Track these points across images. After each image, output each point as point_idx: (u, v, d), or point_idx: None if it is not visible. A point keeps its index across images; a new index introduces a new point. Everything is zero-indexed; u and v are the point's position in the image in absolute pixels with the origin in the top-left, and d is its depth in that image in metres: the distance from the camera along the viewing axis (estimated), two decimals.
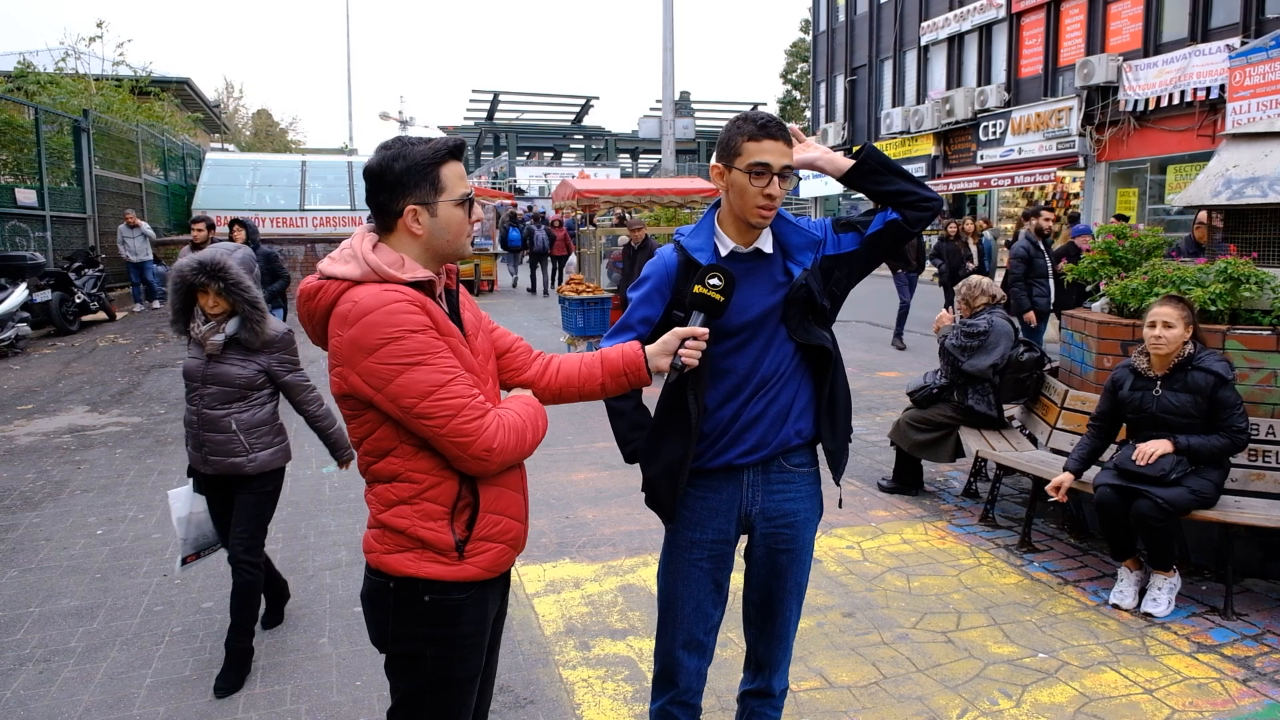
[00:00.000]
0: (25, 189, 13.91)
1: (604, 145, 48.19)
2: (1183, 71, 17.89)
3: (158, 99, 23.37)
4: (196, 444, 3.44)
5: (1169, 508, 3.78)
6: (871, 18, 29.43)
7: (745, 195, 2.14)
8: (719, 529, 2.31)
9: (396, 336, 1.70)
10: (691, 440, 2.20)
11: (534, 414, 1.94)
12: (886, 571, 4.37)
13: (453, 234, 1.86)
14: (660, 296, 2.26)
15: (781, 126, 2.15)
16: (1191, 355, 3.93)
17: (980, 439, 5.27)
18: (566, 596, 4.11)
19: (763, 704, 2.46)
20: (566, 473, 6.02)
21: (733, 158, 2.15)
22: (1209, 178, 5.05)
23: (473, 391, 1.78)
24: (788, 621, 2.40)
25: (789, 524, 2.33)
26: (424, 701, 1.89)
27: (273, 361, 3.45)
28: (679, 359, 2.02)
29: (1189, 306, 3.99)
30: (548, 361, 2.12)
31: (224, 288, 3.25)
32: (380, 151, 1.84)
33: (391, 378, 1.71)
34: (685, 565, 2.32)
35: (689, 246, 2.24)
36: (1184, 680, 3.34)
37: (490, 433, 1.77)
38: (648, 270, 2.31)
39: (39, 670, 3.43)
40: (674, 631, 2.35)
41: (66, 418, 7.78)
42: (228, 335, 3.35)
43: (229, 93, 48.20)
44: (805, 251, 2.26)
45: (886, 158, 2.29)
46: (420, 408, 1.72)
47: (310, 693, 3.27)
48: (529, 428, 1.90)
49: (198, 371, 3.41)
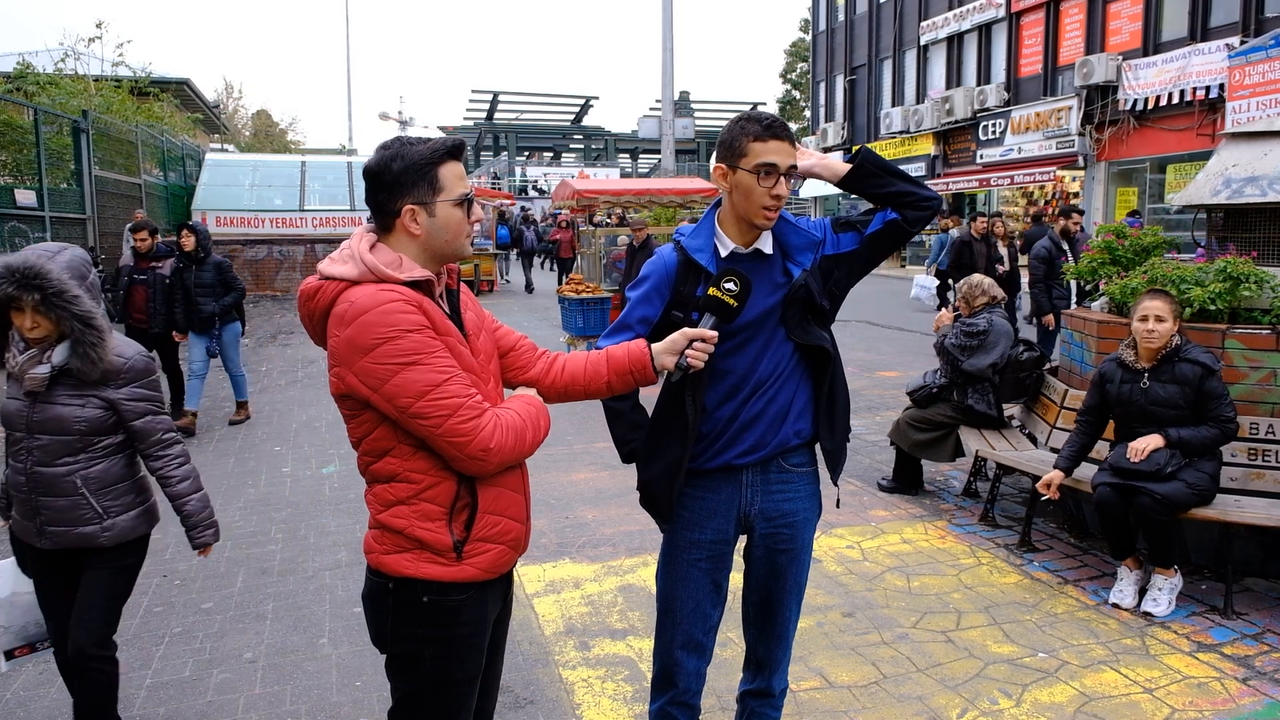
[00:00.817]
0: (25, 190, 13.90)
1: (604, 145, 48.17)
2: (1182, 71, 17.89)
3: (157, 99, 23.35)
4: (27, 511, 2.66)
5: (1168, 502, 3.79)
6: (871, 17, 29.43)
7: (751, 196, 2.13)
8: (718, 529, 2.31)
9: (392, 336, 1.70)
10: (689, 441, 2.20)
11: (535, 414, 1.93)
12: (886, 571, 4.37)
13: (451, 234, 1.86)
14: (659, 296, 2.26)
15: (785, 126, 2.15)
16: (1178, 347, 3.96)
17: (980, 438, 5.27)
18: (566, 596, 4.11)
19: (763, 704, 2.46)
20: (566, 473, 6.02)
21: (738, 158, 2.14)
22: (1208, 177, 5.05)
23: (469, 391, 1.77)
24: (787, 621, 2.40)
25: (788, 524, 2.33)
26: (423, 702, 1.89)
27: (121, 396, 2.65)
28: (684, 359, 2.02)
29: (1174, 300, 4.05)
30: (552, 360, 2.12)
31: (42, 300, 2.46)
32: (379, 151, 1.84)
33: (387, 377, 1.71)
34: (684, 566, 2.32)
35: (689, 247, 2.24)
36: (1184, 679, 3.34)
37: (487, 433, 1.77)
38: (647, 270, 2.30)
39: (39, 671, 3.42)
40: (673, 632, 2.34)
41: None
42: (55, 366, 2.56)
43: (228, 93, 48.21)
44: (805, 252, 2.26)
45: (883, 160, 2.29)
46: (416, 407, 1.72)
47: (310, 693, 3.27)
48: (529, 427, 1.88)
49: (20, 417, 2.61)
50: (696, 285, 2.20)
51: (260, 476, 6.00)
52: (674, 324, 2.18)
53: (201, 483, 2.87)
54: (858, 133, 30.67)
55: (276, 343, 12.20)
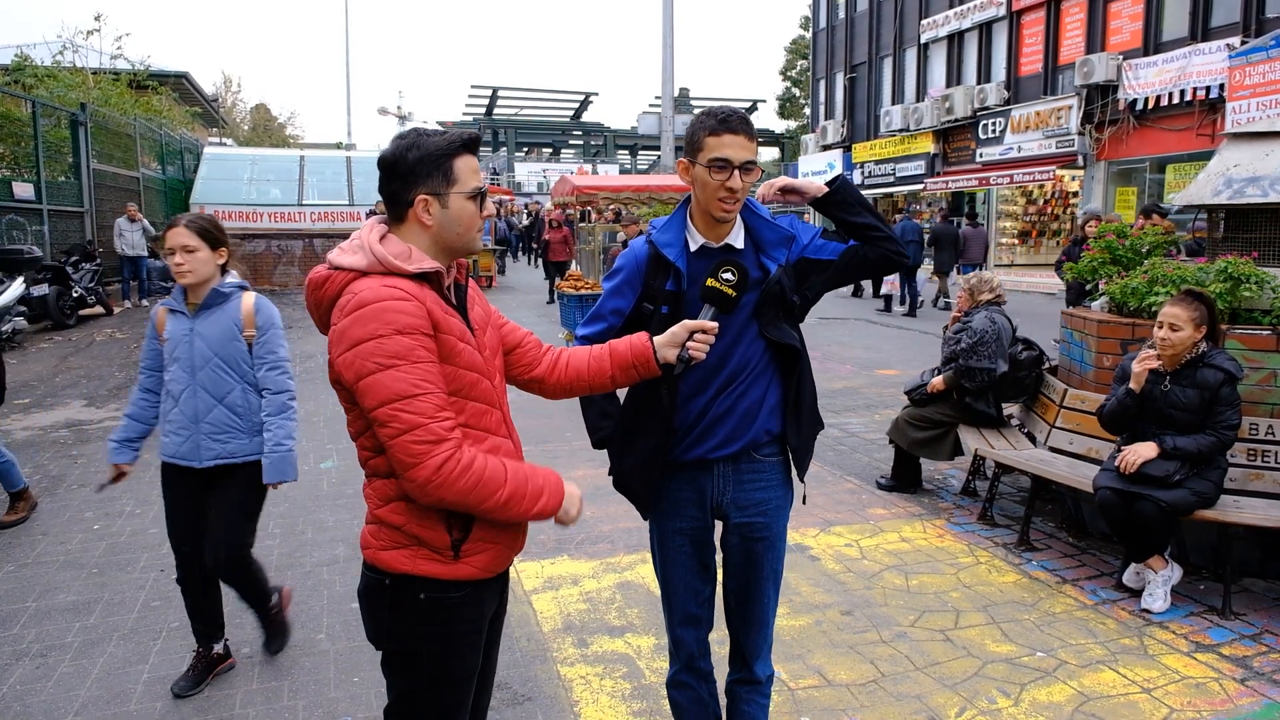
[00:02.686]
0: (23, 182, 13.87)
1: (603, 141, 48.08)
2: (1182, 71, 17.89)
3: (155, 93, 23.31)
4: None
5: (1171, 508, 3.78)
6: (871, 15, 29.40)
7: (707, 189, 2.18)
8: (694, 516, 2.37)
9: (381, 334, 1.69)
10: (666, 432, 2.25)
11: (532, 487, 1.81)
12: (885, 570, 4.37)
13: (463, 227, 1.86)
14: (631, 289, 2.32)
15: (744, 121, 2.17)
16: (1204, 353, 3.91)
17: (979, 437, 5.27)
18: (565, 593, 4.11)
19: (750, 690, 2.49)
20: (565, 469, 5.97)
21: (695, 153, 2.19)
22: (1209, 177, 5.05)
23: (439, 414, 1.71)
24: (766, 608, 2.44)
25: (762, 512, 2.37)
26: (420, 699, 1.88)
27: None
28: (686, 351, 2.04)
29: (1203, 306, 3.91)
30: (557, 356, 2.14)
31: None
32: (395, 141, 1.84)
33: (364, 374, 1.70)
34: (671, 552, 2.41)
35: (658, 241, 2.28)
36: (1182, 680, 3.34)
37: (434, 464, 1.69)
38: (620, 262, 2.37)
39: (35, 665, 3.42)
40: (671, 612, 2.45)
41: (63, 412, 7.76)
42: None
43: (227, 87, 48.14)
44: (779, 247, 2.29)
45: (860, 195, 2.36)
46: (378, 411, 1.70)
47: (308, 689, 3.26)
48: (509, 491, 1.77)
49: None
50: (666, 279, 2.26)
51: None
52: (644, 316, 2.26)
53: None
54: (857, 130, 30.66)
55: None
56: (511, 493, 1.79)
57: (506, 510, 1.79)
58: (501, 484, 1.77)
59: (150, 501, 5.33)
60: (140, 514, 5.15)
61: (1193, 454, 3.84)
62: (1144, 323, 4.72)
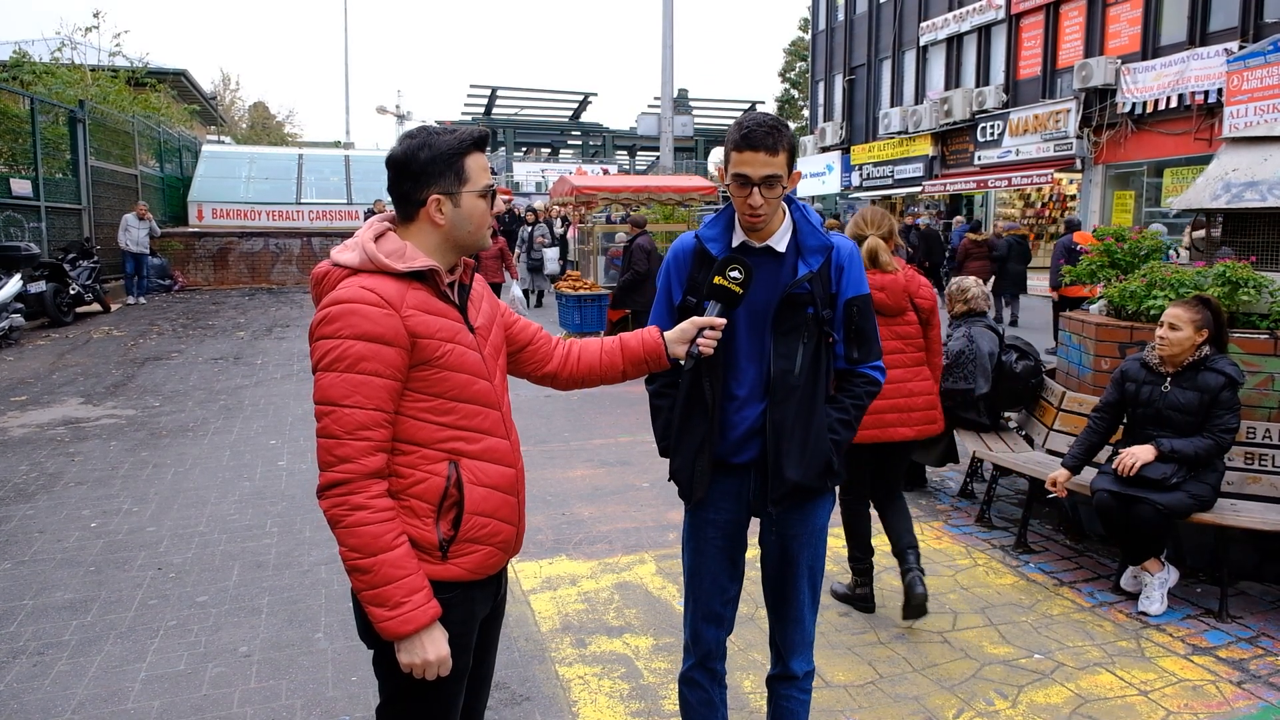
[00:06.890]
0: (20, 179, 13.84)
1: (602, 142, 48.05)
2: (1181, 75, 17.93)
3: (154, 90, 23.25)
4: None
5: (1169, 512, 3.79)
6: (871, 17, 29.43)
7: (735, 201, 2.21)
8: (729, 509, 2.38)
9: (340, 334, 1.71)
10: (713, 423, 2.27)
11: (391, 587, 1.69)
12: (883, 571, 4.37)
13: (475, 225, 1.86)
14: (679, 284, 2.36)
15: (769, 132, 2.11)
16: (1206, 357, 3.91)
17: (977, 440, 5.27)
18: (563, 593, 4.10)
19: (788, 687, 2.49)
20: (563, 469, 6.01)
21: (727, 164, 2.21)
22: (1208, 181, 5.07)
23: (361, 433, 1.70)
24: (802, 605, 2.44)
25: (798, 506, 2.37)
26: (410, 699, 1.88)
27: None
28: (695, 347, 2.08)
29: (1207, 310, 3.91)
30: (567, 351, 2.17)
31: None
32: (405, 140, 1.83)
33: (315, 367, 1.76)
34: (702, 543, 2.41)
35: (704, 236, 2.33)
36: (1179, 682, 3.35)
37: (329, 479, 1.70)
38: (668, 259, 2.42)
39: (32, 663, 3.41)
40: (695, 605, 2.45)
41: (60, 409, 7.74)
42: None
43: (226, 85, 48.12)
44: (816, 254, 2.28)
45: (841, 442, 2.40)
46: (315, 408, 1.76)
47: (305, 688, 3.26)
48: (370, 570, 1.69)
49: None
50: (709, 273, 2.27)
51: (255, 470, 5.98)
52: (687, 309, 2.27)
53: None
54: (856, 132, 30.69)
55: (272, 336, 12.16)
56: (372, 572, 1.69)
57: (355, 578, 1.72)
58: (370, 553, 1.69)
59: (147, 500, 5.33)
60: (138, 512, 5.14)
61: (1189, 457, 3.85)
62: (1142, 326, 4.73)
